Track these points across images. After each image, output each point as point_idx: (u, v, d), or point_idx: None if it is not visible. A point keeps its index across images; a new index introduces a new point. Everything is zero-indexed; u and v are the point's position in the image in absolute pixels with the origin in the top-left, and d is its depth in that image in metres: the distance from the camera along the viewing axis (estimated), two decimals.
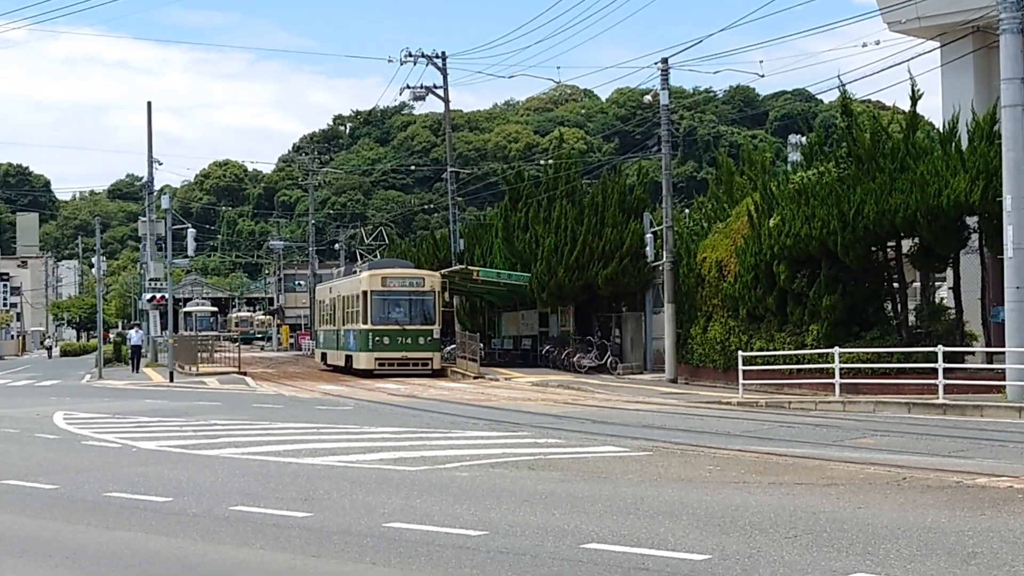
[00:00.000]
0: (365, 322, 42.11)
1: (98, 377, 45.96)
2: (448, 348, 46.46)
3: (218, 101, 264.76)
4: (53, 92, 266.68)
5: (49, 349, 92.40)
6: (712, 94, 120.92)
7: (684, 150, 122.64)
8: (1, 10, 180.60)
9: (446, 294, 44.65)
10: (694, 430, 19.72)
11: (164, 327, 52.45)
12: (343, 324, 46.23)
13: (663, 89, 37.63)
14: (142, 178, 76.74)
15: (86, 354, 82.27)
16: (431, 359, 42.18)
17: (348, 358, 44.88)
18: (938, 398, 24.00)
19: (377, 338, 41.88)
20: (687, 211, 52.34)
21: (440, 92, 51.85)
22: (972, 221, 27.71)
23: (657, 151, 41.02)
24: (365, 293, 42.28)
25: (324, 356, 51.68)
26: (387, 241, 78.84)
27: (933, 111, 47.56)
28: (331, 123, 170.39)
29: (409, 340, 41.98)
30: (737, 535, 9.37)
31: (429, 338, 42.30)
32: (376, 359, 41.90)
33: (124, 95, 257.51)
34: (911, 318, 29.96)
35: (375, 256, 65.93)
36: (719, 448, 16.21)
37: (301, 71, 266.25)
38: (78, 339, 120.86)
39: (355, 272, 47.43)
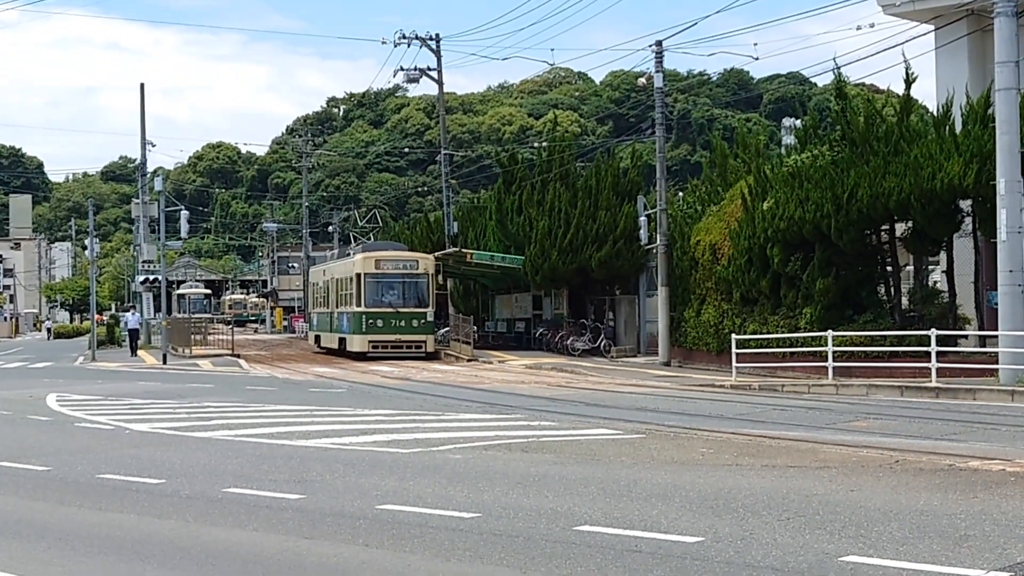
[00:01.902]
0: (359, 305, 42.06)
1: (91, 359, 45.90)
2: (442, 331, 46.43)
3: (211, 83, 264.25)
4: (45, 74, 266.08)
5: (49, 331, 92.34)
6: (706, 77, 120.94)
7: (678, 133, 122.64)
8: None
9: (440, 277, 44.52)
10: (687, 413, 19.74)
11: (157, 309, 52.34)
12: (337, 307, 46.20)
13: (657, 72, 37.56)
14: (135, 160, 76.57)
15: (79, 336, 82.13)
16: (425, 342, 42.06)
17: (342, 340, 44.84)
18: (931, 381, 24.03)
19: (371, 321, 41.80)
20: (681, 194, 52.26)
21: (434, 74, 51.74)
22: (966, 205, 27.72)
23: (651, 134, 41.00)
24: (359, 275, 42.22)
25: (318, 339, 51.63)
26: (381, 224, 78.74)
27: (927, 94, 47.66)
28: (325, 105, 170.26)
29: (403, 323, 41.89)
30: (730, 518, 9.38)
31: (423, 321, 42.20)
32: (370, 342, 41.81)
33: (116, 77, 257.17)
34: (904, 301, 29.98)
35: (369, 239, 65.78)
36: (712, 431, 16.23)
37: (294, 53, 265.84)
38: (71, 321, 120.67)
39: (349, 254, 47.38)
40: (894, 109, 31.01)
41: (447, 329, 46.71)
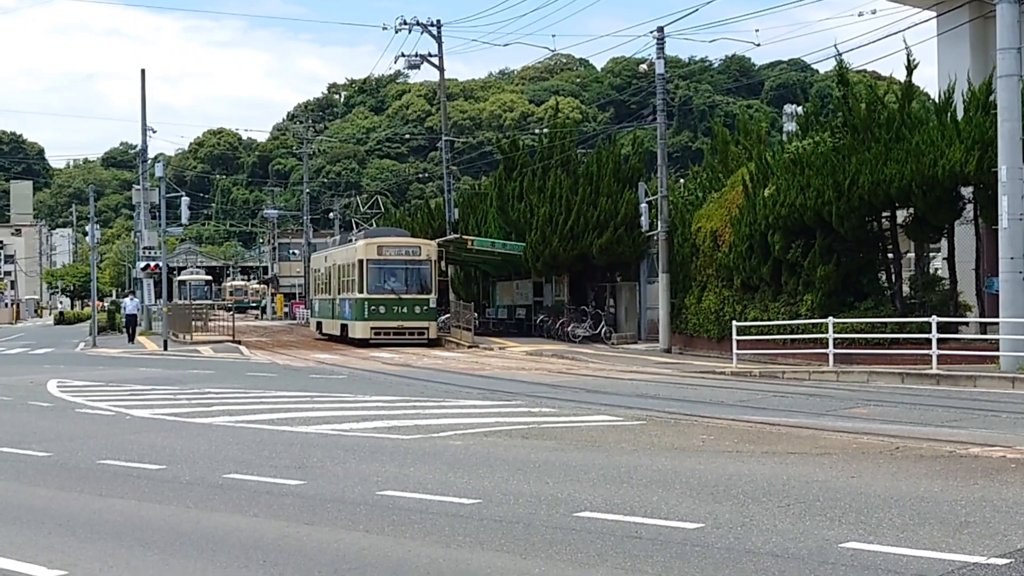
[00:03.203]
0: (361, 291, 41.84)
1: (92, 345, 45.91)
2: (442, 317, 46.36)
3: (211, 69, 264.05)
4: (46, 60, 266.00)
5: (62, 315, 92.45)
6: (708, 64, 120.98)
7: (679, 120, 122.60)
8: None
9: (442, 263, 44.24)
10: (688, 399, 19.74)
11: (158, 296, 52.34)
12: (339, 293, 46.07)
13: (659, 58, 37.50)
14: (136, 146, 76.61)
15: (80, 322, 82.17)
16: (427, 328, 41.80)
17: (344, 327, 44.68)
18: (931, 368, 24.03)
19: (373, 307, 41.54)
20: (682, 181, 52.24)
21: (435, 60, 51.67)
22: (967, 191, 27.70)
23: (652, 120, 40.96)
24: (361, 262, 41.99)
25: (319, 325, 51.49)
26: (383, 210, 78.54)
27: (929, 81, 47.58)
28: (326, 92, 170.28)
29: (405, 309, 41.63)
30: (730, 504, 9.38)
31: (425, 307, 41.94)
32: (372, 328, 41.57)
33: (117, 63, 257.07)
34: (905, 288, 29.98)
35: (371, 224, 65.58)
36: (713, 417, 16.23)
37: (295, 39, 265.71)
38: (72, 307, 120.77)
39: (351, 240, 47.17)
40: (896, 96, 30.97)
41: (448, 316, 46.66)
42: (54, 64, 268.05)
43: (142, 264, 53.96)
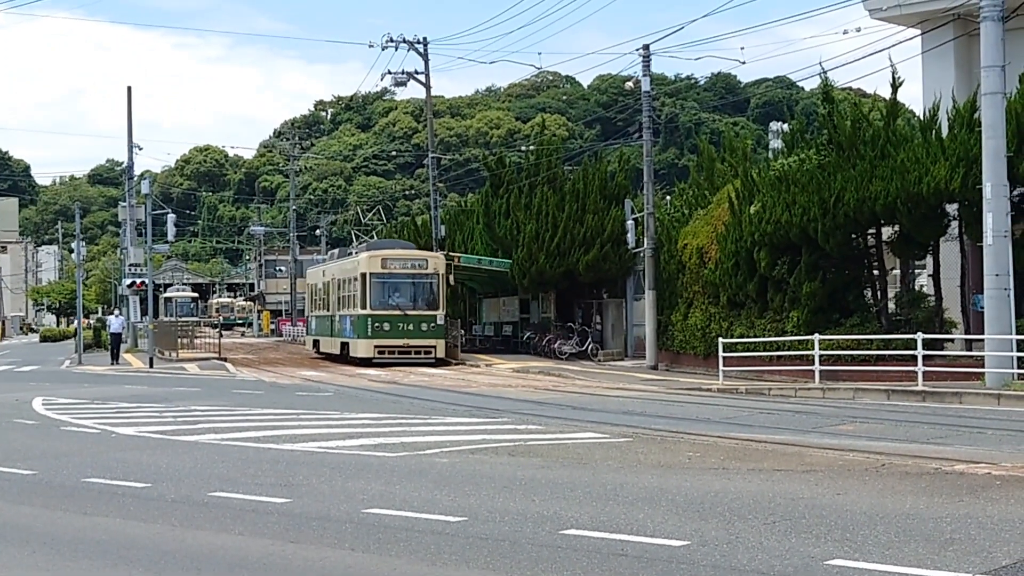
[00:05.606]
0: (364, 307, 39.95)
1: (78, 363, 45.81)
2: None
3: (198, 86, 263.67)
4: (31, 76, 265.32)
5: (80, 328, 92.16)
6: (694, 81, 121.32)
7: (666, 137, 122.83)
8: None
9: (451, 277, 42.69)
10: (674, 416, 19.75)
11: (144, 313, 52.15)
12: (338, 309, 44.20)
13: (645, 76, 37.63)
14: (122, 163, 76.32)
15: (66, 339, 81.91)
16: (434, 347, 39.73)
17: (344, 345, 42.83)
18: (917, 385, 24.09)
19: (377, 324, 39.65)
20: (668, 198, 52.38)
21: (421, 78, 51.69)
22: (952, 208, 27.78)
23: (639, 138, 41.04)
24: (364, 276, 40.08)
25: (316, 343, 49.28)
26: (384, 221, 77.65)
27: (914, 99, 47.75)
28: (312, 108, 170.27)
29: (411, 326, 39.61)
30: (716, 521, 9.39)
31: (432, 324, 39.95)
32: (375, 347, 39.58)
33: (103, 79, 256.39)
34: (891, 305, 30.04)
35: (370, 237, 64.73)
36: (699, 434, 16.23)
37: (281, 56, 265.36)
38: (58, 324, 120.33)
39: (351, 254, 45.54)
40: (881, 113, 31.07)
41: None
42: (41, 81, 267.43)
43: (128, 281, 53.76)
